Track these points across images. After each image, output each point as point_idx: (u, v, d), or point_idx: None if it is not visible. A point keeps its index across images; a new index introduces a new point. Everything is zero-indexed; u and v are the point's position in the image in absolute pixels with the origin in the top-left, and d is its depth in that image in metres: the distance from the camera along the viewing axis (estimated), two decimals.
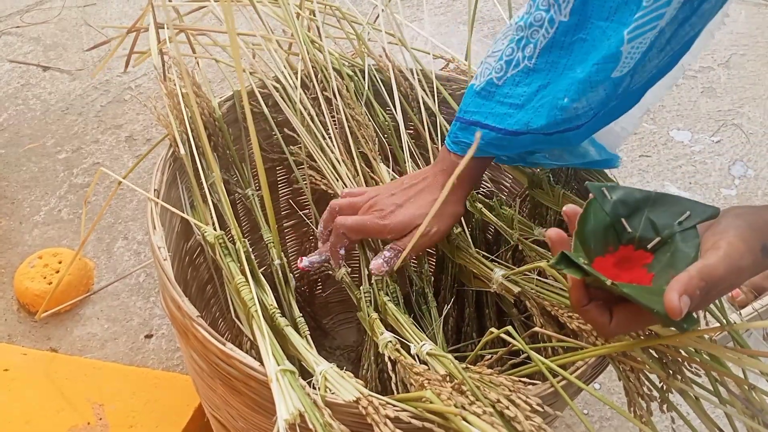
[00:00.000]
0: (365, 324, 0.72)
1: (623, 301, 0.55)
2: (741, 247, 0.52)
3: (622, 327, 0.55)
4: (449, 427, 0.54)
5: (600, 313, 0.55)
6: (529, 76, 0.67)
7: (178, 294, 0.64)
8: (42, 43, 1.88)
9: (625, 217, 0.59)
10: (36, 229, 1.37)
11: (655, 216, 0.59)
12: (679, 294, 0.49)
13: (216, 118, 0.85)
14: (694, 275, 0.50)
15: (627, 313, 0.55)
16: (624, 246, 0.59)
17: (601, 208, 0.59)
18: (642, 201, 0.60)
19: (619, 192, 0.60)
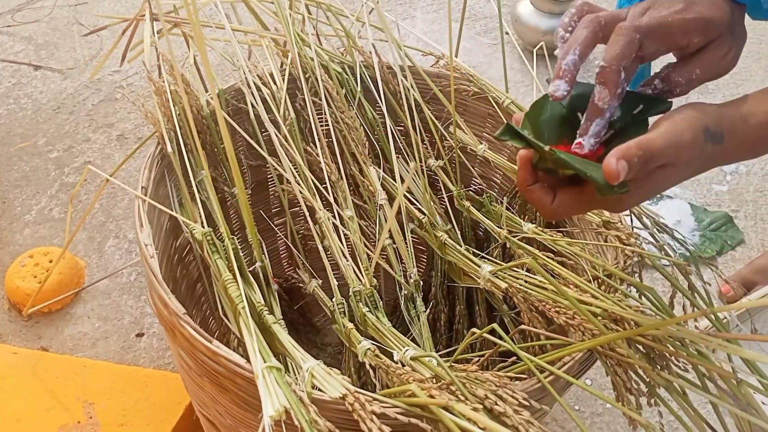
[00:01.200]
0: (342, 336, 0.72)
1: (567, 185, 0.56)
2: (682, 125, 0.52)
3: (564, 207, 0.56)
4: (435, 420, 0.54)
5: (544, 193, 0.56)
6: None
7: (165, 291, 0.64)
8: (33, 42, 1.87)
9: (581, 111, 0.58)
10: (27, 228, 1.37)
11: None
12: (616, 159, 0.50)
13: (204, 116, 0.85)
14: (632, 145, 0.51)
15: (570, 194, 0.56)
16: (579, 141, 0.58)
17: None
18: None
19: (580, 87, 0.59)
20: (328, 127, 0.90)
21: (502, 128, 0.55)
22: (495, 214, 0.89)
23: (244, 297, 0.65)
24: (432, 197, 0.92)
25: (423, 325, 0.80)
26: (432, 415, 0.54)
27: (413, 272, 0.85)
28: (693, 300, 0.70)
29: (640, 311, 0.65)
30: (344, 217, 0.84)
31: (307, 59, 0.92)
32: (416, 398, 0.55)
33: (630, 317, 0.62)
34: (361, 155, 0.90)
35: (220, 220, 0.76)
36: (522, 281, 0.73)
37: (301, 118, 0.93)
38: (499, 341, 0.61)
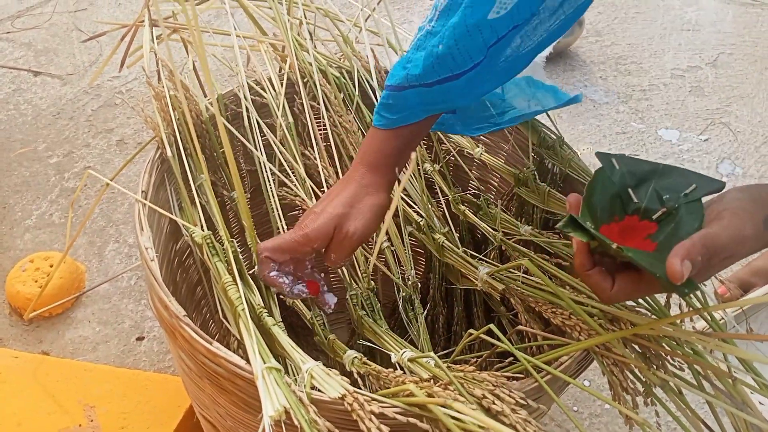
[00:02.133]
0: (325, 348, 0.72)
1: (625, 269, 0.57)
2: (744, 217, 0.54)
3: (623, 293, 0.57)
4: (434, 419, 0.55)
5: (603, 278, 0.56)
6: (427, 39, 0.65)
7: (165, 294, 0.65)
8: (33, 49, 1.88)
9: (632, 188, 0.60)
10: (27, 233, 1.38)
11: (662, 188, 0.60)
12: (681, 259, 0.50)
13: (203, 121, 0.86)
14: (696, 242, 0.51)
15: (629, 280, 0.56)
16: (629, 216, 0.60)
17: (609, 177, 0.61)
18: (649, 172, 0.61)
19: (628, 162, 0.61)
20: (326, 131, 0.91)
21: (565, 220, 0.56)
22: (492, 216, 0.89)
23: (243, 299, 0.66)
24: (429, 200, 0.92)
25: (421, 326, 0.81)
26: (430, 414, 0.55)
27: (411, 274, 0.86)
28: (688, 300, 0.70)
29: (635, 311, 0.66)
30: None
31: (306, 64, 0.93)
32: (414, 398, 0.56)
33: (625, 317, 0.63)
34: None
35: (219, 223, 0.76)
36: (519, 283, 0.74)
37: (299, 122, 0.93)
38: (496, 342, 0.61)
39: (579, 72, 1.83)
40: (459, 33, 0.61)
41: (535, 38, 0.65)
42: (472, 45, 0.62)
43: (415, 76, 0.65)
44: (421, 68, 0.64)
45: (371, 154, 0.71)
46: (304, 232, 0.69)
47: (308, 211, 0.72)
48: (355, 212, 0.69)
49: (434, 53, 0.63)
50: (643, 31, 1.99)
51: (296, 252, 0.70)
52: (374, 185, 0.71)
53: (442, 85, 0.65)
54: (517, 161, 0.94)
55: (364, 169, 0.71)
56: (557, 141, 0.86)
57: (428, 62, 0.64)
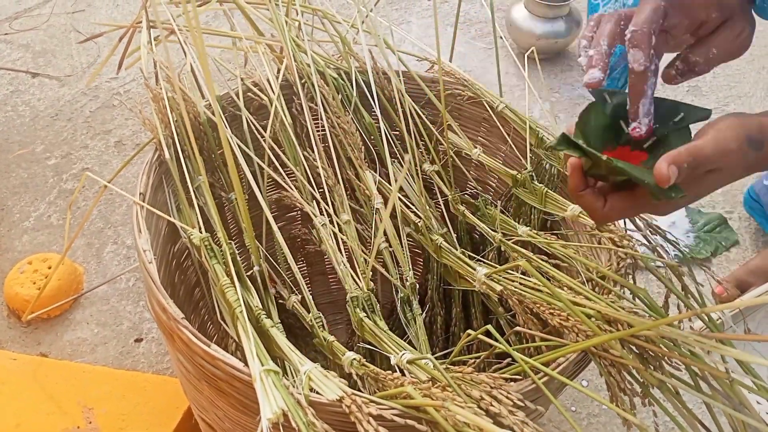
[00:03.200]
0: (324, 350, 0.73)
1: (617, 190, 0.60)
2: (727, 133, 0.56)
3: (616, 211, 0.60)
4: (431, 421, 0.55)
5: (595, 198, 0.60)
6: None
7: (163, 296, 0.65)
8: (31, 50, 1.88)
9: (623, 119, 0.62)
10: (26, 235, 1.38)
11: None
12: (667, 163, 0.53)
13: (201, 122, 0.86)
14: (682, 150, 0.54)
15: (620, 197, 0.59)
16: (621, 146, 0.63)
17: (602, 110, 0.63)
18: None
19: (619, 96, 0.63)
20: (324, 132, 0.91)
21: (558, 138, 0.59)
22: (490, 217, 0.89)
23: (241, 301, 0.66)
24: (428, 201, 0.92)
25: (419, 327, 0.81)
26: (429, 416, 0.55)
27: (409, 275, 0.86)
28: (686, 301, 0.70)
29: (633, 312, 0.66)
30: (341, 222, 0.85)
31: (303, 65, 0.93)
32: (412, 400, 0.56)
33: (623, 318, 0.63)
34: (357, 160, 0.91)
35: (217, 225, 0.77)
36: (517, 284, 0.74)
37: (298, 123, 0.93)
38: (494, 342, 0.62)
39: (577, 71, 1.83)
40: None
41: None
42: None
43: None
44: None
45: None
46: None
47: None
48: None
49: None
50: None
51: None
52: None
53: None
54: (516, 162, 0.94)
55: None
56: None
57: None
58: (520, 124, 0.90)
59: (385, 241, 0.87)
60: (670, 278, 0.73)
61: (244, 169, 0.84)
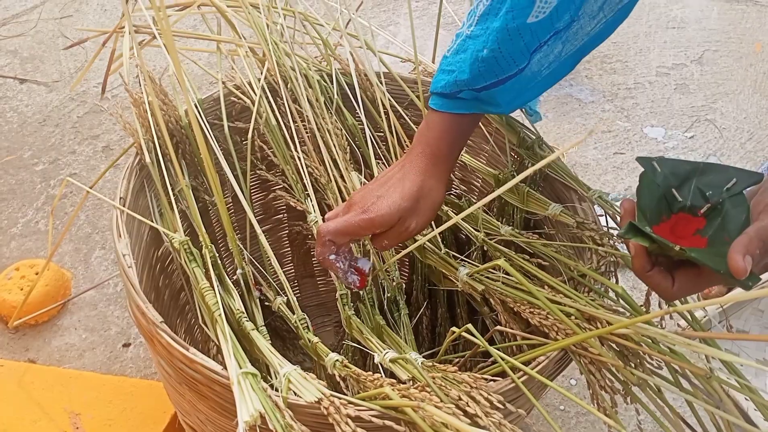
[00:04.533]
0: (309, 350, 0.72)
1: (682, 265, 0.60)
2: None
3: (684, 289, 0.60)
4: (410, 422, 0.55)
5: (663, 277, 0.60)
6: (466, 42, 0.67)
7: (142, 300, 0.65)
8: (19, 56, 1.88)
9: (675, 187, 0.64)
10: (13, 241, 1.37)
11: (703, 185, 0.64)
12: (743, 255, 0.54)
13: (182, 126, 0.86)
14: (753, 236, 0.55)
15: (689, 276, 0.60)
16: (675, 214, 0.64)
17: (653, 180, 0.64)
18: (690, 171, 0.65)
19: (668, 164, 0.65)
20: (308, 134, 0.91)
21: (626, 228, 0.59)
22: (473, 217, 0.89)
23: (220, 305, 0.66)
24: None
25: (405, 327, 0.81)
26: (407, 417, 0.55)
27: (396, 275, 0.86)
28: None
29: (613, 311, 0.66)
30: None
31: (286, 67, 0.93)
32: (391, 401, 0.56)
33: (602, 316, 0.63)
34: (343, 161, 0.91)
35: (198, 228, 0.76)
36: (499, 283, 0.74)
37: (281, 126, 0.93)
38: (474, 340, 0.62)
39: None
40: (501, 37, 0.63)
41: (577, 43, 0.67)
42: (514, 49, 0.64)
43: (464, 81, 0.67)
44: (468, 73, 0.66)
45: (434, 142, 0.70)
46: (370, 217, 0.68)
47: (366, 192, 0.71)
48: (420, 208, 0.69)
49: (479, 57, 0.65)
50: (628, 29, 2.00)
51: (358, 235, 0.70)
52: (437, 180, 0.70)
53: (489, 91, 0.67)
54: (498, 162, 0.94)
55: (427, 161, 0.70)
56: (536, 141, 0.86)
57: (474, 67, 0.66)
58: (502, 124, 0.90)
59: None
60: None
61: (227, 172, 0.84)
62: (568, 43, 0.66)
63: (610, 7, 0.65)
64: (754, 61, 1.87)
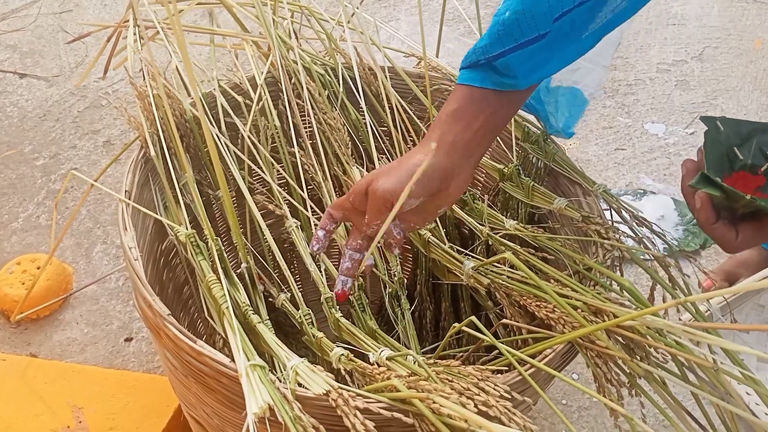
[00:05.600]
0: (313, 347, 0.72)
1: (744, 220, 0.63)
2: None
3: (748, 240, 0.63)
4: (418, 414, 0.55)
5: (727, 229, 0.63)
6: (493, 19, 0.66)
7: (149, 293, 0.65)
8: (18, 51, 1.88)
9: (737, 146, 0.66)
10: (14, 235, 1.37)
11: (764, 144, 0.66)
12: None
13: (187, 120, 0.86)
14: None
15: (752, 228, 0.63)
16: (736, 172, 0.66)
17: (717, 139, 0.66)
18: (752, 131, 0.67)
19: (731, 123, 0.67)
20: (311, 129, 0.91)
21: (698, 177, 0.62)
22: (478, 211, 0.89)
23: (228, 297, 0.66)
24: None
25: (408, 322, 0.81)
26: (415, 409, 0.55)
27: (397, 270, 0.86)
28: (671, 291, 0.71)
29: (619, 304, 0.66)
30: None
31: (290, 62, 0.93)
32: (399, 393, 0.56)
33: (608, 309, 0.63)
34: (344, 155, 0.91)
35: (204, 222, 0.76)
36: (504, 277, 0.74)
37: (285, 120, 0.93)
38: (478, 334, 0.62)
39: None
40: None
41: (600, 20, 0.65)
42: (538, 10, 0.62)
43: (481, 48, 0.65)
44: (488, 38, 0.65)
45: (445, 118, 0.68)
46: (368, 179, 0.66)
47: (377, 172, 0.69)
48: (393, 169, 0.66)
49: (501, 21, 0.64)
50: (628, 26, 1.99)
51: (344, 208, 0.70)
52: (426, 142, 0.68)
53: (506, 59, 0.65)
54: (503, 156, 0.94)
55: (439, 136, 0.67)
56: (541, 135, 0.86)
57: (494, 30, 0.64)
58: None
59: None
60: (657, 270, 0.73)
61: (231, 166, 0.84)
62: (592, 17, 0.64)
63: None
64: (755, 57, 1.87)
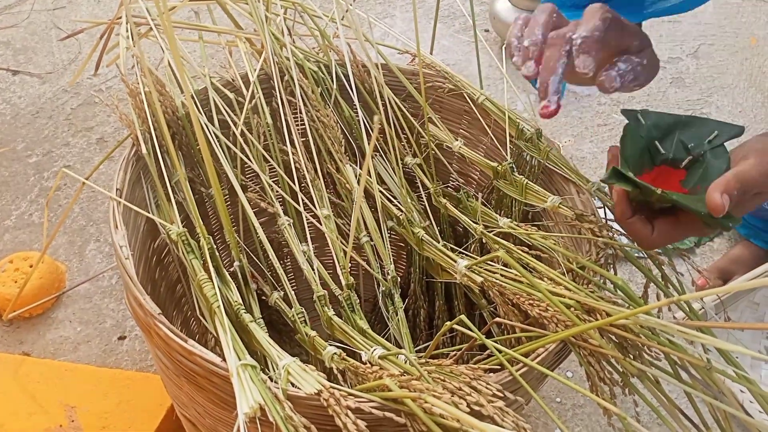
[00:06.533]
0: (306, 345, 0.72)
1: (662, 215, 0.62)
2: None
3: (664, 236, 0.62)
4: (410, 413, 0.55)
5: (643, 225, 0.62)
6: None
7: (140, 292, 0.65)
8: (11, 47, 1.87)
9: (658, 140, 0.65)
10: (7, 233, 1.36)
11: (686, 137, 0.65)
12: (720, 193, 0.55)
13: (179, 117, 0.85)
14: (731, 178, 0.57)
15: (668, 224, 0.62)
16: (658, 167, 0.65)
17: (637, 132, 0.65)
18: (673, 124, 0.66)
19: (652, 117, 0.66)
20: (304, 126, 0.91)
21: (609, 172, 0.60)
22: (472, 209, 0.89)
23: (219, 296, 0.65)
24: (410, 194, 0.92)
25: (401, 321, 0.81)
26: (407, 408, 0.55)
27: (391, 269, 0.85)
28: (665, 289, 0.71)
29: (612, 303, 0.66)
30: (321, 217, 0.85)
31: (282, 58, 0.92)
32: (390, 392, 0.56)
33: (601, 308, 0.63)
34: (338, 153, 0.90)
35: (195, 219, 0.76)
36: (498, 275, 0.74)
37: (278, 117, 0.93)
38: (468, 332, 0.61)
39: None
40: None
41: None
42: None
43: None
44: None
45: None
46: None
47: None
48: None
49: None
50: None
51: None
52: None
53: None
54: (497, 154, 0.94)
55: None
56: (535, 133, 0.86)
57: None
58: (501, 116, 0.90)
59: (366, 235, 0.86)
60: (651, 268, 0.73)
61: (223, 163, 0.83)
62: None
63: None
64: (750, 55, 1.87)
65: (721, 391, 0.62)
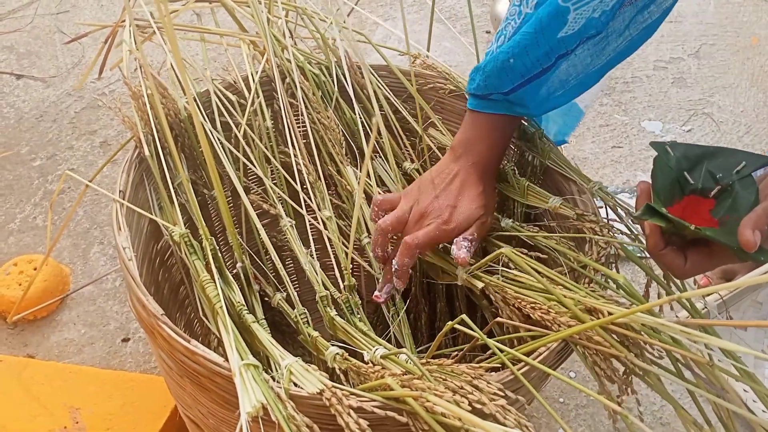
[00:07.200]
0: (309, 346, 0.72)
1: (693, 245, 0.63)
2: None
3: (696, 267, 0.63)
4: (412, 413, 0.55)
5: (676, 256, 0.63)
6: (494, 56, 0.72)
7: (143, 293, 0.65)
8: (15, 52, 1.87)
9: (687, 171, 0.66)
10: (11, 236, 1.37)
11: (714, 168, 0.66)
12: (752, 229, 0.57)
13: (182, 119, 0.86)
14: (761, 213, 0.58)
15: (701, 255, 0.63)
16: (687, 196, 0.66)
17: (666, 163, 0.66)
18: (701, 155, 0.67)
19: (680, 148, 0.67)
20: (305, 129, 0.91)
21: (643, 209, 0.62)
22: None
23: (221, 297, 0.66)
24: None
25: (403, 322, 0.81)
26: (409, 408, 0.55)
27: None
28: (666, 287, 0.71)
29: (614, 301, 0.66)
30: (323, 218, 0.85)
31: (284, 60, 0.93)
32: (392, 391, 0.56)
33: (602, 306, 0.63)
34: (338, 155, 0.91)
35: (198, 221, 0.76)
36: (499, 278, 0.74)
37: (279, 120, 0.93)
38: (469, 331, 0.62)
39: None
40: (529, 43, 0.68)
41: (604, 58, 0.71)
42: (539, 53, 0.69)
43: (492, 85, 0.73)
44: (497, 78, 0.72)
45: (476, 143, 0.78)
46: (452, 227, 0.75)
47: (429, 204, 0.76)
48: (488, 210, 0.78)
49: (506, 66, 0.71)
50: None
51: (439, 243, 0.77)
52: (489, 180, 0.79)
53: (517, 93, 0.73)
54: None
55: (478, 166, 0.77)
56: (537, 133, 0.86)
57: (502, 74, 0.72)
58: None
59: (367, 236, 0.87)
60: (653, 267, 0.73)
61: (226, 166, 0.84)
62: (595, 57, 0.70)
63: (635, 26, 0.70)
64: (751, 54, 1.87)
65: (724, 389, 0.62)
